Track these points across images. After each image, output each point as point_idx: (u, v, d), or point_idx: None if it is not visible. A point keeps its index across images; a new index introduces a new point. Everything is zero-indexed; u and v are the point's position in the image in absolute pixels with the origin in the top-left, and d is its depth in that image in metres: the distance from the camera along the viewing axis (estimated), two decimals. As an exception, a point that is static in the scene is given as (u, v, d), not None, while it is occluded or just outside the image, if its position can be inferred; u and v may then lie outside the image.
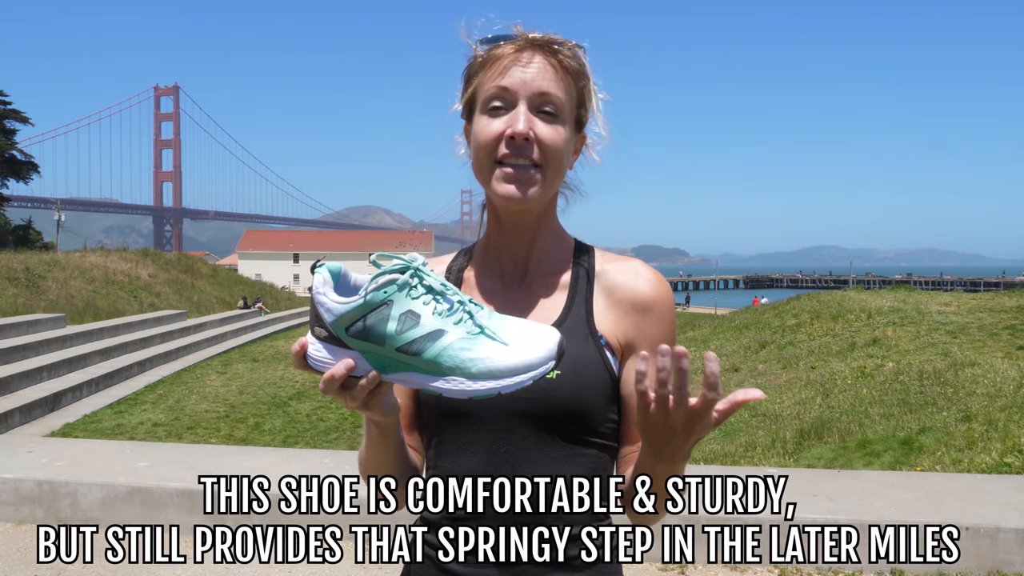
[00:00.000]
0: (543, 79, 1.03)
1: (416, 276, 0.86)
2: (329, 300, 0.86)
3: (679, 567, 3.74)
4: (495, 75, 1.04)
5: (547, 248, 1.15)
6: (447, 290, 0.87)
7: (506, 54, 1.04)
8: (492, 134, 1.03)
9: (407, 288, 0.85)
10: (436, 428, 1.10)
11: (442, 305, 0.86)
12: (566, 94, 1.05)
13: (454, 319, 0.86)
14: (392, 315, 0.85)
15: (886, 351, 9.97)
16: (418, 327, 0.84)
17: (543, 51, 1.05)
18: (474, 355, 0.84)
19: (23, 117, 48.09)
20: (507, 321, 0.88)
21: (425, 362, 0.85)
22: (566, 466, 1.04)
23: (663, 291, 1.12)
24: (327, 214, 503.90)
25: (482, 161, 1.06)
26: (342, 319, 0.85)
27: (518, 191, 1.03)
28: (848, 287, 23.10)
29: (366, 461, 1.08)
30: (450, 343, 0.84)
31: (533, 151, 1.03)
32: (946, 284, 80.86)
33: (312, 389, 12.35)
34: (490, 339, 0.85)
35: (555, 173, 1.06)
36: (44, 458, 4.84)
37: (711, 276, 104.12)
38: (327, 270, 0.87)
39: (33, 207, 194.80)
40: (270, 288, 36.22)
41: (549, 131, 1.03)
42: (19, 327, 11.95)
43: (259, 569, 3.83)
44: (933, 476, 4.77)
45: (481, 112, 1.06)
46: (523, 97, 1.03)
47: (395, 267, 0.86)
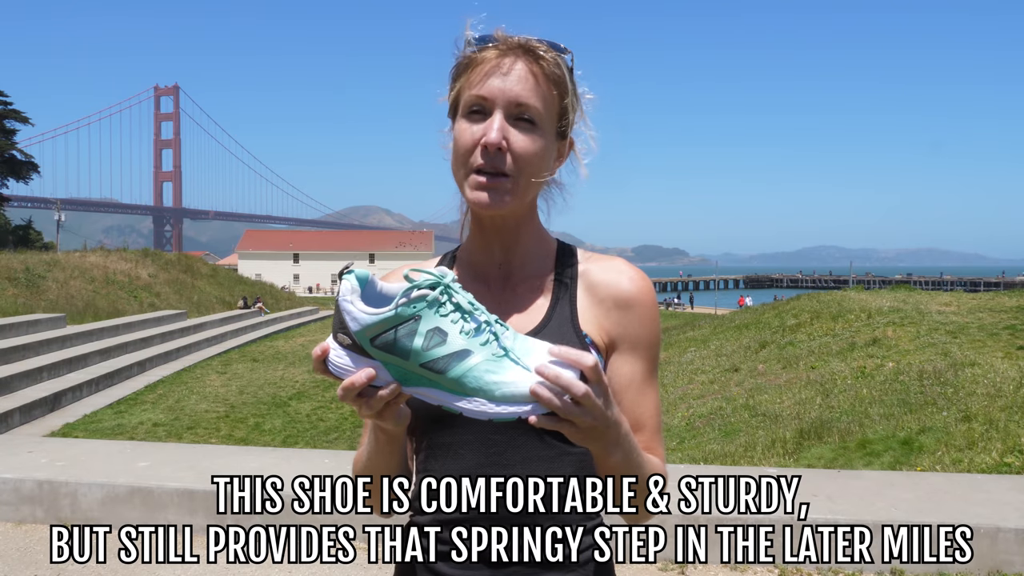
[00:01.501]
0: (522, 87, 1.02)
1: (446, 293, 0.86)
2: (356, 309, 0.85)
3: (679, 567, 3.74)
4: (475, 81, 1.04)
5: (529, 250, 1.15)
6: (475, 309, 0.87)
7: (488, 59, 1.04)
8: (468, 141, 1.03)
9: (436, 305, 0.85)
10: (424, 431, 1.09)
11: (469, 324, 0.86)
12: (545, 102, 1.04)
13: (480, 340, 0.86)
14: (419, 331, 0.85)
15: (886, 351, 9.97)
16: (445, 345, 0.85)
17: (525, 57, 1.04)
18: (498, 379, 0.84)
19: (23, 117, 48.09)
20: (530, 344, 0.88)
21: (449, 380, 0.85)
22: (555, 466, 1.05)
23: (645, 288, 1.13)
24: (327, 214, 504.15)
25: (457, 166, 1.06)
26: (368, 329, 0.85)
27: (488, 199, 1.03)
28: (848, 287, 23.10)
29: (367, 465, 1.08)
30: (475, 364, 0.85)
31: (505, 161, 1.02)
32: (946, 284, 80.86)
33: (312, 389, 12.35)
34: (514, 363, 0.85)
35: (528, 182, 1.05)
36: (44, 458, 4.84)
37: (711, 276, 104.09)
38: (355, 277, 0.87)
39: (33, 207, 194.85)
40: (270, 288, 36.21)
41: (524, 141, 1.03)
42: (19, 327, 11.95)
43: (271, 569, 3.83)
44: (933, 476, 4.77)
45: (461, 115, 1.06)
46: (500, 105, 1.02)
47: (426, 282, 0.86)
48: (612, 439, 0.92)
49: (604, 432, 0.89)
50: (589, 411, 0.84)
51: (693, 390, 11.18)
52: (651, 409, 1.11)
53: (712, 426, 8.71)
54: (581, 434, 0.87)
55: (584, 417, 0.84)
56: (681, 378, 12.49)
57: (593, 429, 0.87)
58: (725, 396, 9.96)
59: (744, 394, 9.78)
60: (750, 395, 9.64)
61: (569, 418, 0.84)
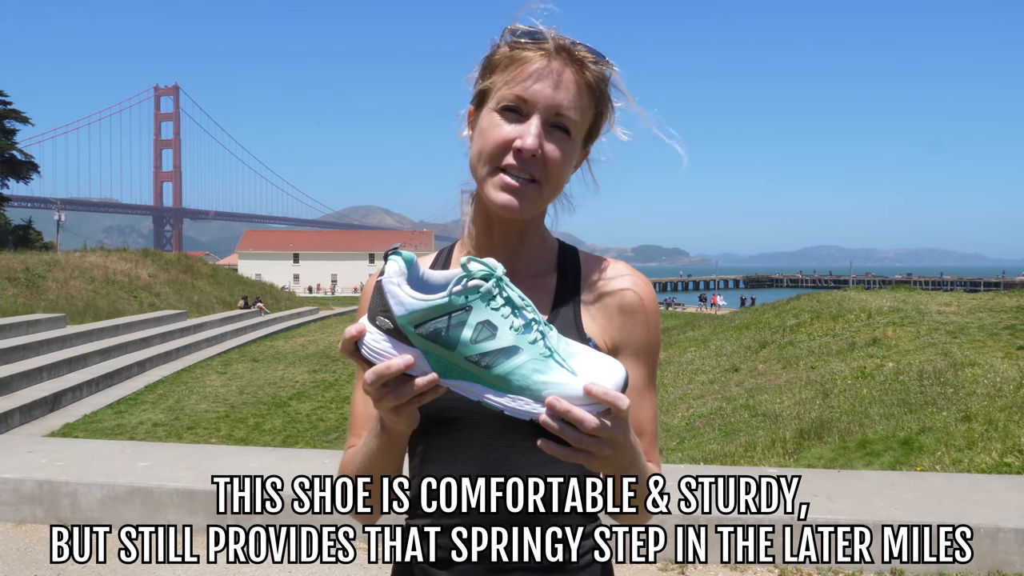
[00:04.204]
0: (564, 96, 1.00)
1: (499, 286, 0.83)
2: (403, 293, 0.82)
3: (679, 567, 3.74)
4: (517, 79, 1.01)
5: (534, 250, 1.14)
6: (525, 306, 0.85)
7: (532, 59, 1.01)
8: (500, 139, 1.01)
9: (489, 297, 0.82)
10: (422, 434, 1.07)
11: (519, 320, 0.83)
12: (583, 113, 1.03)
13: (529, 338, 0.83)
14: (469, 322, 0.82)
15: (886, 351, 9.97)
16: (494, 340, 0.82)
17: (572, 66, 1.01)
18: (545, 379, 0.82)
19: (23, 117, 48.10)
20: (573, 347, 0.86)
21: (494, 377, 0.83)
22: (557, 468, 1.04)
23: (649, 294, 1.13)
24: (327, 214, 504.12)
25: (482, 161, 1.03)
26: (415, 316, 0.82)
27: (513, 203, 1.01)
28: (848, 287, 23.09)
29: (363, 465, 1.05)
30: (523, 363, 0.82)
31: (538, 168, 1.01)
32: (946, 284, 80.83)
33: (312, 389, 12.35)
34: (559, 365, 0.83)
35: (553, 190, 1.05)
36: (44, 458, 4.84)
37: (711, 276, 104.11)
38: (402, 259, 0.84)
39: (33, 207, 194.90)
40: (270, 288, 36.20)
41: (557, 150, 1.01)
42: (19, 327, 11.95)
43: (271, 569, 3.83)
44: (933, 476, 4.77)
45: (493, 109, 1.03)
46: (539, 111, 1.00)
47: (481, 272, 0.83)
48: (627, 464, 0.91)
49: (619, 461, 0.88)
50: (609, 443, 0.84)
51: (693, 390, 11.17)
52: (650, 415, 1.12)
53: (712, 426, 8.71)
54: (599, 463, 0.86)
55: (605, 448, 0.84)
56: (681, 378, 12.49)
57: (609, 459, 0.86)
58: (725, 396, 9.96)
59: (744, 394, 9.77)
60: (750, 395, 9.64)
61: (591, 449, 0.83)
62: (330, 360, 15.93)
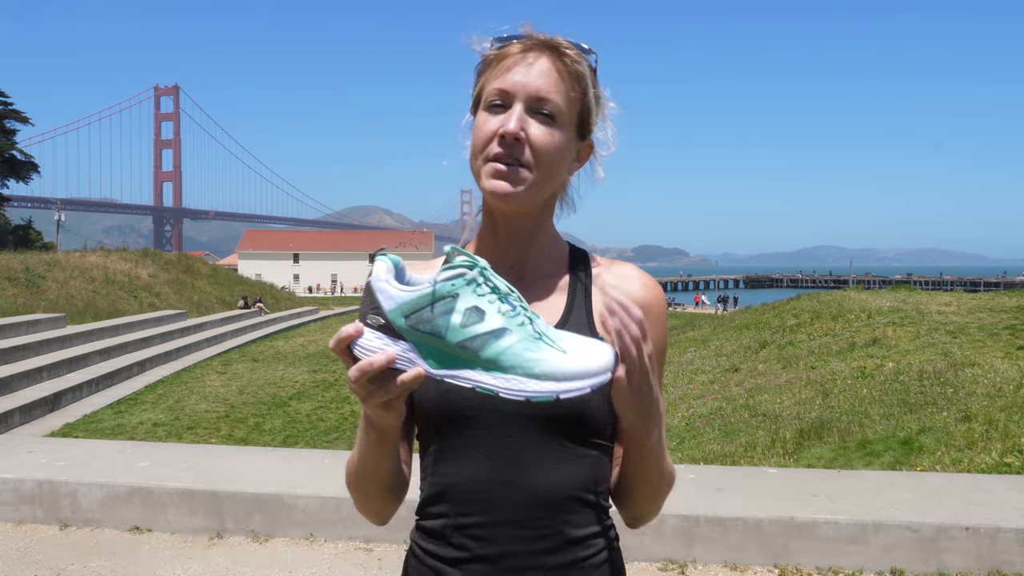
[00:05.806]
0: (543, 82, 1.03)
1: (483, 275, 0.86)
2: (391, 287, 0.85)
3: (679, 567, 3.74)
4: (498, 74, 1.04)
5: (544, 251, 1.15)
6: (512, 293, 0.87)
7: (512, 53, 1.05)
8: (486, 132, 1.03)
9: (475, 284, 0.85)
10: (435, 434, 1.07)
11: (505, 306, 0.85)
12: (567, 99, 1.04)
13: (517, 321, 0.85)
14: (457, 308, 0.84)
15: (886, 351, 9.97)
16: (482, 323, 0.84)
17: (549, 53, 1.04)
18: (536, 356, 0.84)
19: (23, 117, 48.10)
20: (562, 333, 0.88)
21: (484, 360, 0.84)
22: (571, 468, 1.04)
23: (658, 295, 1.14)
24: (327, 214, 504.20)
25: (475, 157, 1.06)
26: (404, 307, 0.84)
27: (506, 187, 1.02)
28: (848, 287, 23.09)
29: (359, 468, 1.06)
30: (513, 343, 0.84)
31: (524, 152, 1.02)
32: (946, 284, 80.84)
33: (312, 389, 12.36)
34: (549, 345, 0.85)
35: (547, 176, 1.05)
36: (44, 458, 4.84)
37: (711, 276, 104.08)
38: (389, 260, 0.87)
39: (33, 207, 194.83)
40: (270, 288, 36.21)
41: (542, 133, 1.02)
42: (19, 327, 11.95)
43: (271, 569, 3.83)
44: (933, 476, 4.76)
45: (482, 108, 1.06)
46: (520, 98, 1.02)
47: (465, 262, 0.85)
48: (657, 411, 0.94)
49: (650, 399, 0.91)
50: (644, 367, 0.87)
51: (693, 390, 11.17)
52: None
53: (712, 426, 8.71)
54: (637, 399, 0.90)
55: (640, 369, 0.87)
56: (681, 378, 12.49)
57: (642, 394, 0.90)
58: (725, 396, 9.96)
59: (744, 394, 9.77)
60: (750, 395, 9.64)
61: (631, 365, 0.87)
62: (330, 360, 15.93)
